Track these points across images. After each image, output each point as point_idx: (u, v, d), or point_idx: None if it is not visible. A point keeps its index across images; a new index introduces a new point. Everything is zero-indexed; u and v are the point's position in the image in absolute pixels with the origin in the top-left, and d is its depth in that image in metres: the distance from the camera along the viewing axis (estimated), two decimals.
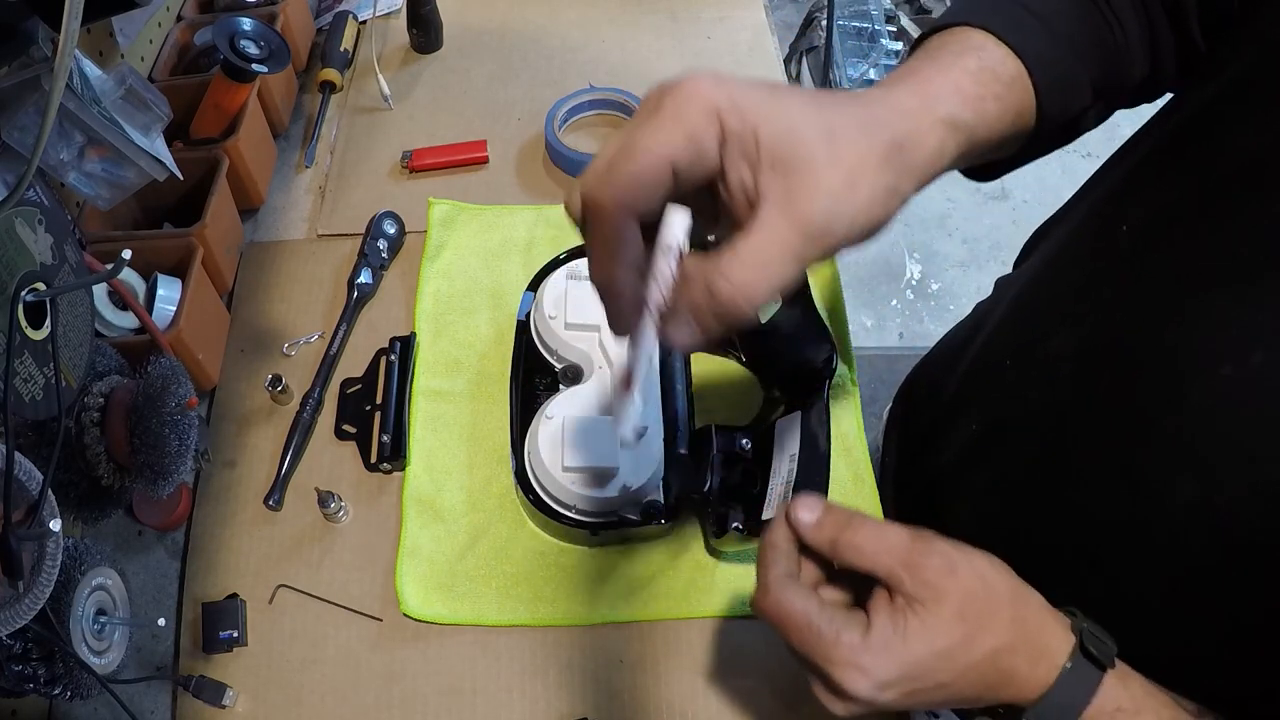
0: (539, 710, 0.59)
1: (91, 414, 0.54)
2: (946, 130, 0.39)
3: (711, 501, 0.62)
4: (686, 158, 0.34)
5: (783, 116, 0.34)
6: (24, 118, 0.50)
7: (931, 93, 0.40)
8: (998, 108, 0.42)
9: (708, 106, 0.34)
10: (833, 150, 0.34)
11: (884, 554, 0.41)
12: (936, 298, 2.13)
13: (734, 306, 0.34)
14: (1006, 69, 0.43)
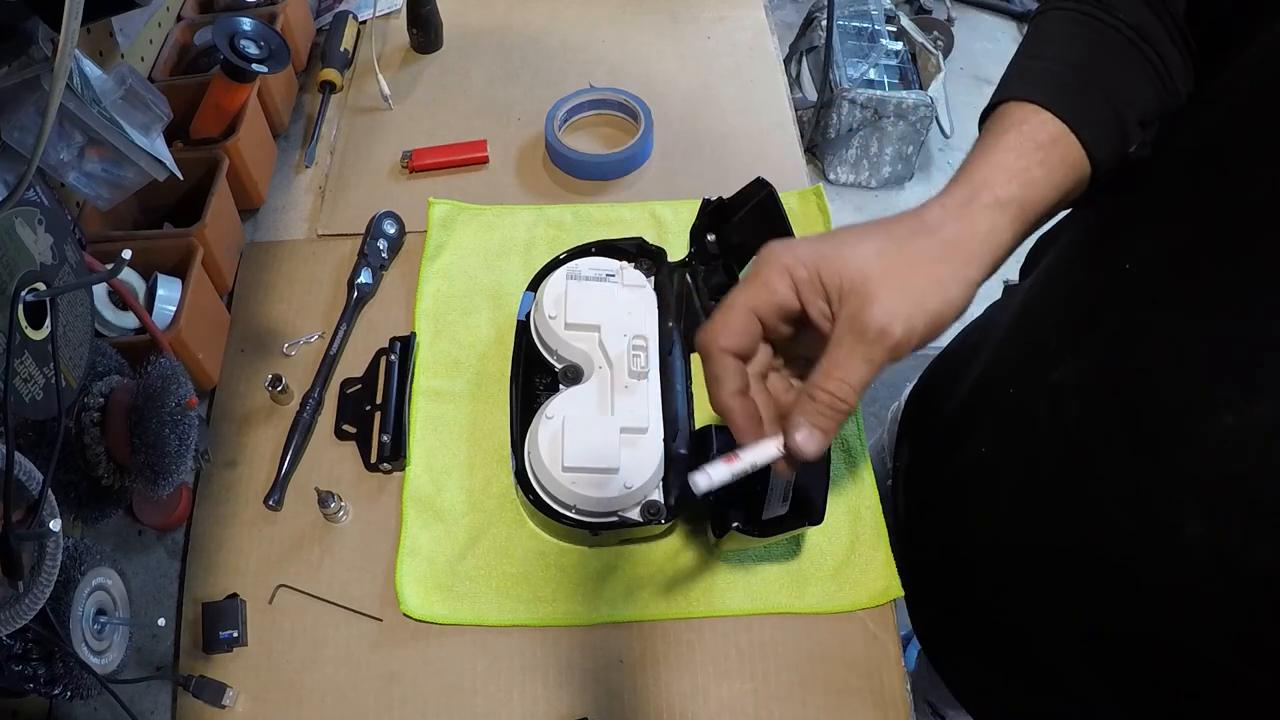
0: (539, 710, 0.59)
1: (91, 414, 0.54)
2: (995, 212, 0.45)
3: (711, 501, 0.62)
4: (765, 306, 0.45)
5: (838, 256, 0.44)
6: (24, 118, 0.50)
7: (978, 183, 0.46)
8: (1044, 172, 0.46)
9: (780, 266, 0.44)
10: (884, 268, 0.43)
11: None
12: None
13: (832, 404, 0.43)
14: (1047, 132, 0.47)
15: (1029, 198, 0.46)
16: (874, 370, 0.43)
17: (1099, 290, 0.50)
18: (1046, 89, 0.48)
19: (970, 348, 0.69)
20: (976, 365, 0.64)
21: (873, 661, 0.60)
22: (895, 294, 0.42)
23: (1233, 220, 0.41)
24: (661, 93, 0.91)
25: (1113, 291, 0.48)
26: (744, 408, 0.45)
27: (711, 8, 1.02)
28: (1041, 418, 0.52)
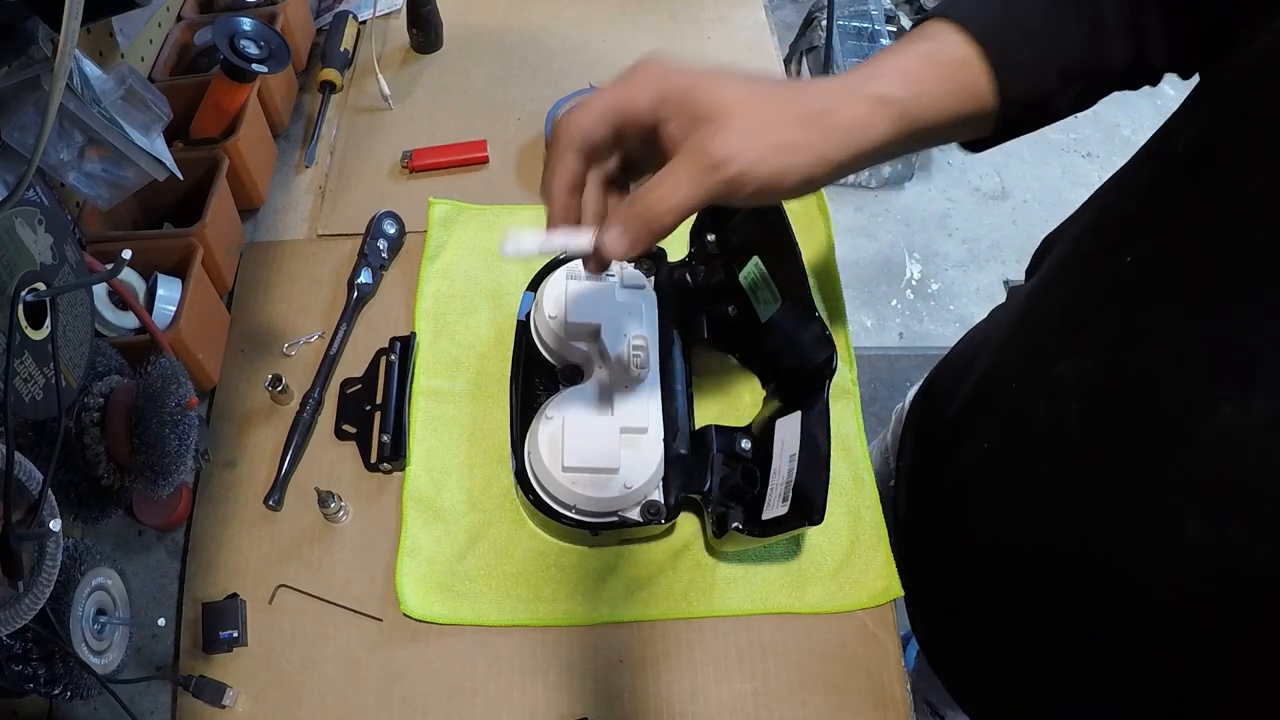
0: (539, 710, 0.59)
1: (91, 414, 0.54)
2: (874, 104, 0.46)
3: (711, 501, 0.62)
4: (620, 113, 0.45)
5: (710, 83, 0.44)
6: (24, 118, 0.50)
7: (867, 75, 0.47)
8: (943, 87, 0.47)
9: (647, 75, 0.45)
10: (749, 107, 0.44)
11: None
12: (936, 298, 2.13)
13: (648, 215, 0.44)
14: (957, 52, 0.48)
15: (916, 107, 0.47)
16: (698, 197, 0.44)
17: (1099, 289, 0.50)
18: (970, 14, 0.48)
19: (973, 349, 0.69)
20: (979, 366, 0.65)
21: (873, 661, 0.60)
22: (747, 134, 0.43)
23: (1231, 218, 0.40)
24: None
25: (1113, 290, 0.48)
26: (564, 201, 0.47)
27: (711, 8, 1.02)
28: (1042, 417, 0.52)
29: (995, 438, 0.59)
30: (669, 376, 0.67)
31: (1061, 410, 0.50)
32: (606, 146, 0.46)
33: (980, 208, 2.29)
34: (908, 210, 2.29)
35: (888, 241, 2.23)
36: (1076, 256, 0.55)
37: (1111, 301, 0.48)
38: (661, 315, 0.69)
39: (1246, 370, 0.38)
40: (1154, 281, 0.45)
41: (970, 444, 0.62)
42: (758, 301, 0.68)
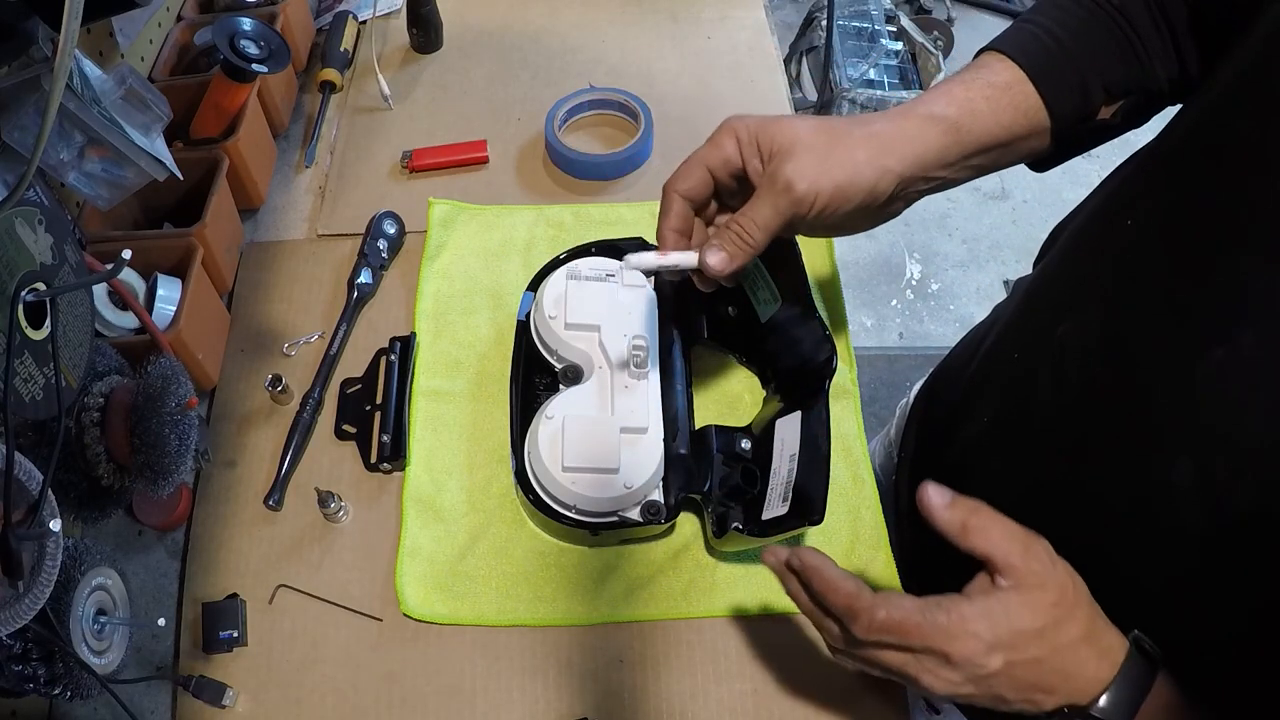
0: (539, 710, 0.59)
1: (91, 414, 0.54)
2: (925, 121, 0.53)
3: (711, 501, 0.62)
4: (716, 162, 0.55)
5: (782, 125, 0.53)
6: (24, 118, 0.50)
7: (918, 101, 0.54)
8: (989, 106, 0.53)
9: (731, 130, 0.54)
10: (813, 140, 0.52)
11: (1004, 540, 0.46)
12: (936, 298, 2.13)
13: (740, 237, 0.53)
14: (1003, 76, 0.54)
15: (966, 122, 0.53)
16: (777, 217, 0.52)
17: (1099, 254, 0.53)
18: (1015, 43, 0.55)
19: (977, 339, 0.70)
20: (982, 350, 0.67)
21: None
22: (811, 161, 0.51)
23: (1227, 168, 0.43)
24: (661, 93, 0.91)
25: (1112, 252, 0.51)
26: (675, 240, 0.56)
27: (711, 8, 1.02)
28: (1043, 380, 0.54)
29: (996, 410, 0.61)
30: (669, 376, 0.67)
31: (1062, 371, 0.52)
32: (707, 193, 0.56)
33: (980, 208, 2.29)
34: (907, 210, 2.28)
35: (888, 241, 2.23)
36: (1079, 234, 0.57)
37: (1110, 262, 0.51)
38: (661, 315, 0.69)
39: (1236, 312, 0.40)
40: (1150, 238, 0.47)
41: (972, 420, 0.64)
42: (758, 301, 0.68)
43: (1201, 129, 0.47)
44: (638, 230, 0.79)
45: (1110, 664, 0.44)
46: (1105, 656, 0.45)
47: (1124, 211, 0.51)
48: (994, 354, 0.65)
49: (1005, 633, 0.44)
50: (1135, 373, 0.46)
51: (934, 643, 0.44)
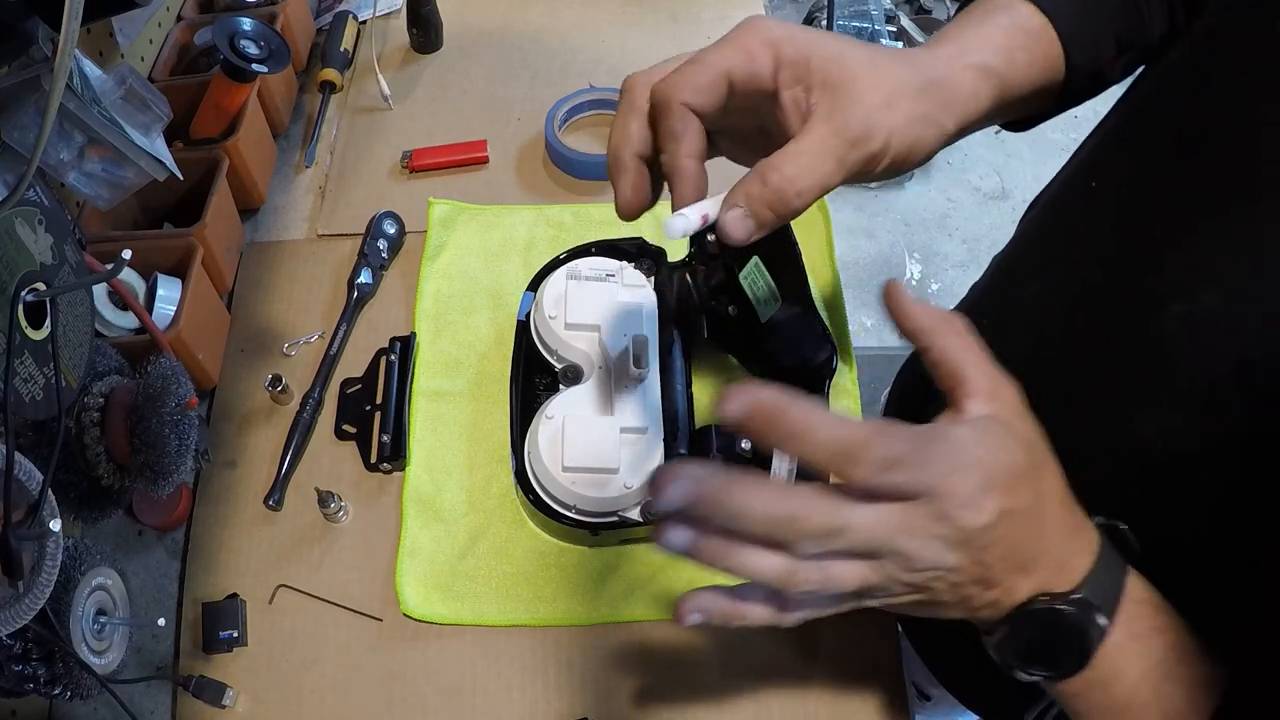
0: (539, 710, 0.59)
1: (91, 414, 0.54)
2: (979, 75, 0.44)
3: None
4: (741, 74, 0.40)
5: (833, 48, 0.41)
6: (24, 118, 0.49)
7: (966, 45, 0.45)
8: (1026, 58, 0.46)
9: (767, 39, 0.40)
10: (874, 77, 0.40)
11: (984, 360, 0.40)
12: (936, 298, 2.13)
13: (783, 194, 0.39)
14: (1033, 24, 0.47)
15: (1009, 77, 0.46)
16: (840, 174, 0.40)
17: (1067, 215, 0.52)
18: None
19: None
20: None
21: (872, 659, 0.60)
22: (882, 106, 0.40)
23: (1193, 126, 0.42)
24: None
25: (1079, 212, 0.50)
26: (697, 172, 0.41)
27: (711, 8, 1.02)
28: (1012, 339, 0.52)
29: None
30: (669, 376, 0.67)
31: (1030, 324, 0.51)
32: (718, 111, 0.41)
33: (980, 208, 2.29)
34: (908, 210, 2.28)
35: (888, 241, 2.23)
36: (1048, 202, 0.57)
37: (1076, 223, 0.50)
38: (661, 315, 0.69)
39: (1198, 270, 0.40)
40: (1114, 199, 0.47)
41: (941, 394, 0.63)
42: (758, 301, 0.68)
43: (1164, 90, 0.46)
44: (638, 230, 0.79)
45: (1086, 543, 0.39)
46: (1078, 534, 0.39)
47: (1090, 175, 0.51)
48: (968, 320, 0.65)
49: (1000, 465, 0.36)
50: (1098, 329, 0.45)
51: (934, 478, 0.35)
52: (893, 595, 0.38)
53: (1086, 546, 0.39)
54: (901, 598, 0.38)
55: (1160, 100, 0.47)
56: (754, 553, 0.38)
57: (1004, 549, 0.37)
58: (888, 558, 0.36)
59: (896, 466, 0.35)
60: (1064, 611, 0.37)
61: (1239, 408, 0.38)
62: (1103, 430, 0.46)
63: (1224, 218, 0.39)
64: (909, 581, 0.37)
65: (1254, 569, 0.39)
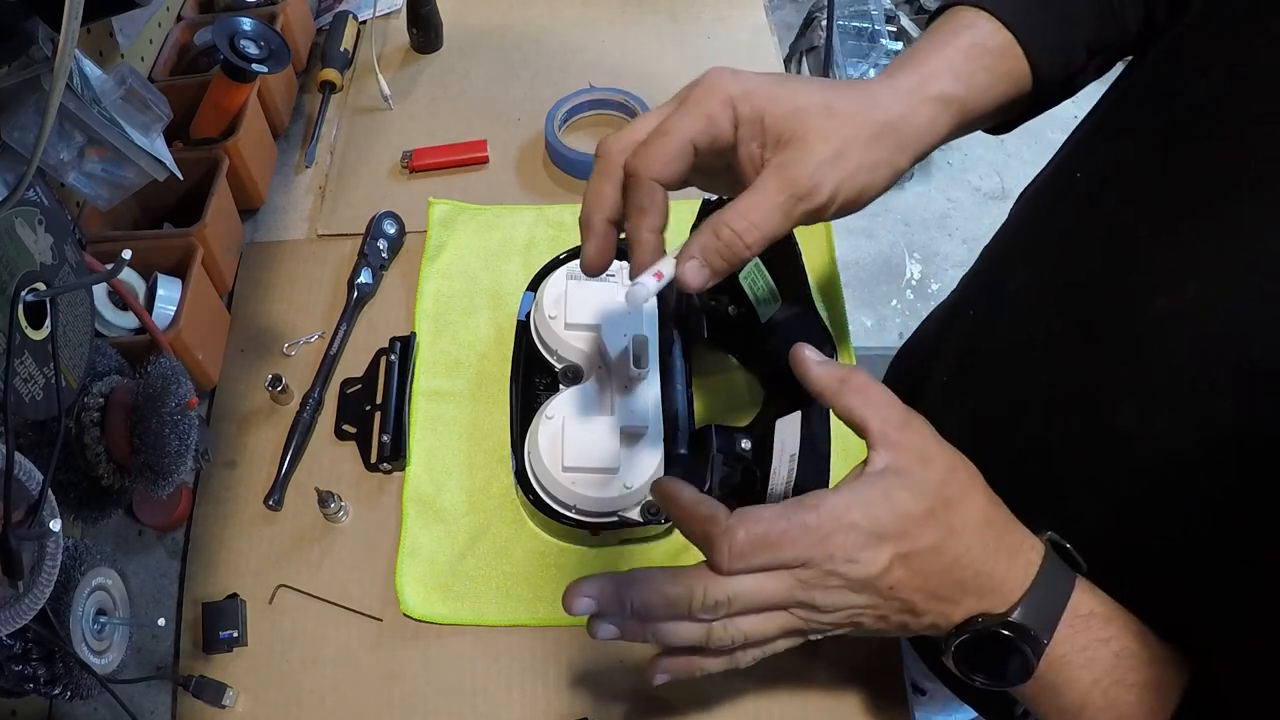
0: (539, 710, 0.59)
1: (91, 414, 0.54)
2: (938, 107, 0.47)
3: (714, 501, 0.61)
4: (705, 139, 0.43)
5: (787, 102, 0.43)
6: (24, 118, 0.49)
7: (926, 74, 0.47)
8: (988, 78, 0.48)
9: (724, 97, 0.43)
10: (827, 128, 0.43)
11: (884, 407, 0.42)
12: (937, 298, 2.12)
13: (734, 246, 0.42)
14: (996, 41, 0.49)
15: (970, 100, 0.48)
16: (786, 225, 0.43)
17: (1052, 208, 0.53)
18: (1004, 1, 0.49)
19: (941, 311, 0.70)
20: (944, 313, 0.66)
21: (873, 661, 0.60)
22: (831, 159, 0.42)
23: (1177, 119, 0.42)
24: (661, 93, 0.90)
25: (1064, 206, 0.51)
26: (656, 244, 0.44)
27: (711, 8, 1.02)
28: (996, 332, 0.54)
29: (951, 367, 0.60)
30: (669, 376, 0.67)
31: (1016, 318, 0.51)
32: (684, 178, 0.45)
33: (980, 208, 2.29)
34: (908, 210, 2.29)
35: (888, 241, 2.23)
36: (1033, 194, 0.57)
37: (1062, 215, 0.50)
38: (661, 315, 0.69)
39: (1183, 263, 0.40)
40: (1099, 191, 0.47)
41: (931, 381, 0.63)
42: (758, 301, 0.68)
43: (1151, 84, 0.46)
44: None
45: (1024, 564, 0.40)
46: (1016, 555, 0.40)
47: (1076, 167, 0.51)
48: (953, 315, 0.65)
49: (887, 517, 0.38)
50: (1082, 322, 0.45)
51: (810, 549, 0.38)
52: (826, 630, 0.41)
53: (1022, 568, 0.40)
54: (838, 630, 0.41)
55: (1147, 94, 0.47)
56: (669, 625, 0.42)
57: (917, 583, 0.39)
58: (795, 609, 0.40)
59: (758, 551, 0.38)
60: (1000, 633, 0.40)
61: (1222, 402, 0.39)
62: (1087, 424, 0.46)
63: (1209, 212, 0.39)
64: (832, 621, 0.40)
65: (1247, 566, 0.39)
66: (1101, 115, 0.51)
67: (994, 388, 0.54)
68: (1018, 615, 0.39)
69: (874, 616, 0.40)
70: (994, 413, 0.54)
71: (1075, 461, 0.47)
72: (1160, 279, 0.41)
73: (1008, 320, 0.53)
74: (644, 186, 0.43)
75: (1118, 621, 0.41)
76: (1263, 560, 0.37)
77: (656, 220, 0.44)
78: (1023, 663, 0.40)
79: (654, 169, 0.43)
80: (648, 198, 0.43)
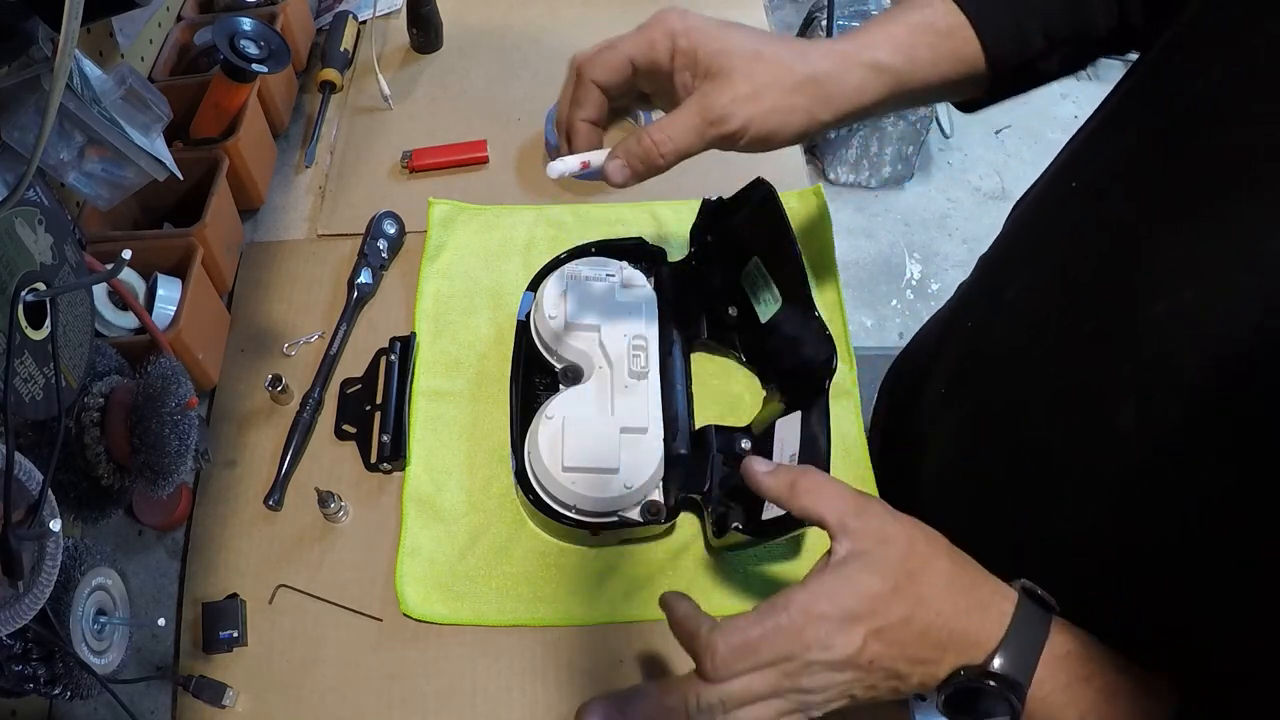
0: (539, 710, 0.59)
1: (91, 414, 0.54)
2: (870, 73, 0.51)
3: (711, 501, 0.62)
4: (643, 61, 0.51)
5: (720, 42, 0.50)
6: (24, 118, 0.49)
7: (865, 42, 0.52)
8: (931, 54, 0.52)
9: (667, 30, 0.51)
10: (751, 70, 0.49)
11: (837, 499, 0.45)
12: (936, 298, 2.12)
13: (650, 154, 0.50)
14: (946, 21, 0.53)
15: (907, 73, 0.52)
16: (696, 145, 0.50)
17: (1050, 214, 0.53)
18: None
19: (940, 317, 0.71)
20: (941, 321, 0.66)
21: None
22: (748, 96, 0.49)
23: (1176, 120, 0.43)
24: None
25: (1062, 211, 0.51)
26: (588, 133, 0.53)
27: (711, 8, 1.01)
28: (997, 335, 0.55)
29: (952, 371, 0.61)
30: (669, 376, 0.67)
31: (1014, 323, 0.52)
32: (622, 88, 0.53)
33: (980, 208, 2.29)
34: (908, 210, 2.29)
35: (888, 241, 2.23)
36: (1032, 202, 0.58)
37: (1062, 218, 0.51)
38: (661, 315, 0.69)
39: (1182, 267, 0.40)
40: (1098, 197, 0.48)
41: (930, 385, 0.64)
42: (758, 301, 0.68)
43: (1148, 87, 0.47)
44: (637, 230, 0.79)
45: (998, 615, 0.42)
46: (988, 608, 0.43)
47: (1073, 174, 0.52)
48: (953, 322, 0.65)
49: (853, 602, 0.42)
50: (1083, 322, 0.46)
51: (787, 645, 0.41)
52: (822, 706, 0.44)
53: (995, 619, 0.42)
54: (834, 704, 0.44)
55: (1146, 95, 0.47)
56: None
57: (896, 653, 0.42)
58: (785, 697, 0.43)
59: (739, 659, 0.41)
60: (982, 684, 0.42)
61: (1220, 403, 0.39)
62: (1086, 424, 0.46)
63: (1209, 212, 0.40)
64: (825, 699, 0.43)
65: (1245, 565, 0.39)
66: (1102, 118, 0.52)
67: (994, 389, 0.55)
68: (996, 664, 0.41)
69: (864, 687, 0.43)
70: (994, 414, 0.55)
71: (1075, 461, 0.47)
72: (1160, 279, 0.41)
73: (1007, 323, 0.53)
74: (585, 85, 0.52)
75: (1097, 658, 0.43)
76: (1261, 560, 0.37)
77: (591, 113, 0.53)
78: (1008, 708, 0.42)
79: (595, 73, 0.52)
80: (585, 94, 0.52)
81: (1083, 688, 0.42)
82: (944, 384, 0.62)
